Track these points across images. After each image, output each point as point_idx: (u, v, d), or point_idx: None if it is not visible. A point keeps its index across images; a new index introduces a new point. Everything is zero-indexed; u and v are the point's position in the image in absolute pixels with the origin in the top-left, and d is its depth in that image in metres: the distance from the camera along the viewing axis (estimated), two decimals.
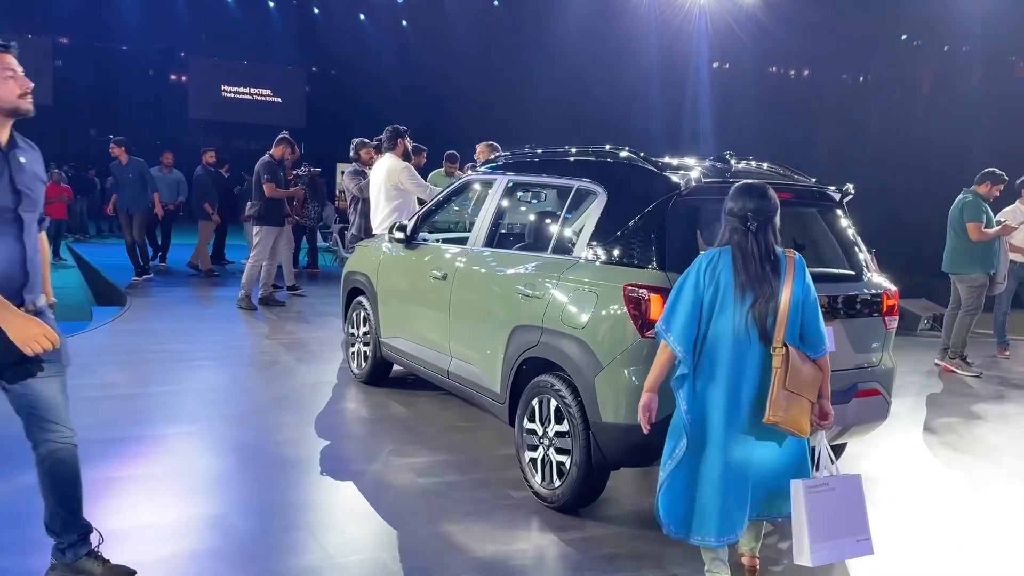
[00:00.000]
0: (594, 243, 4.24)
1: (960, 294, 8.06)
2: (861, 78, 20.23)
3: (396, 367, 6.33)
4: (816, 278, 4.19)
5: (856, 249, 4.47)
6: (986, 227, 7.80)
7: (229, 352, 7.41)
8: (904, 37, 18.96)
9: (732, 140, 18.15)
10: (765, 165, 4.71)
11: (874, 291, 4.34)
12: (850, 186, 4.49)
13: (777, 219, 3.31)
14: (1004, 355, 8.74)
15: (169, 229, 13.45)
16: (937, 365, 8.13)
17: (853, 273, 4.36)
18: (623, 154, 4.45)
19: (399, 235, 5.84)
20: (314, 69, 31.54)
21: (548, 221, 5.03)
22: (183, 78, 30.03)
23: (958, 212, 7.93)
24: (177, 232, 13.83)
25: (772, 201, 3.29)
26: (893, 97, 19.53)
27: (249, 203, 9.74)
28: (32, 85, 2.95)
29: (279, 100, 30.09)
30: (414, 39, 27.43)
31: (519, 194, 5.58)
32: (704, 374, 3.26)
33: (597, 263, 4.18)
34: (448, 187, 5.96)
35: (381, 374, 6.39)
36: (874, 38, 18.48)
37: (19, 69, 2.94)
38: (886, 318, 4.37)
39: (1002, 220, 8.09)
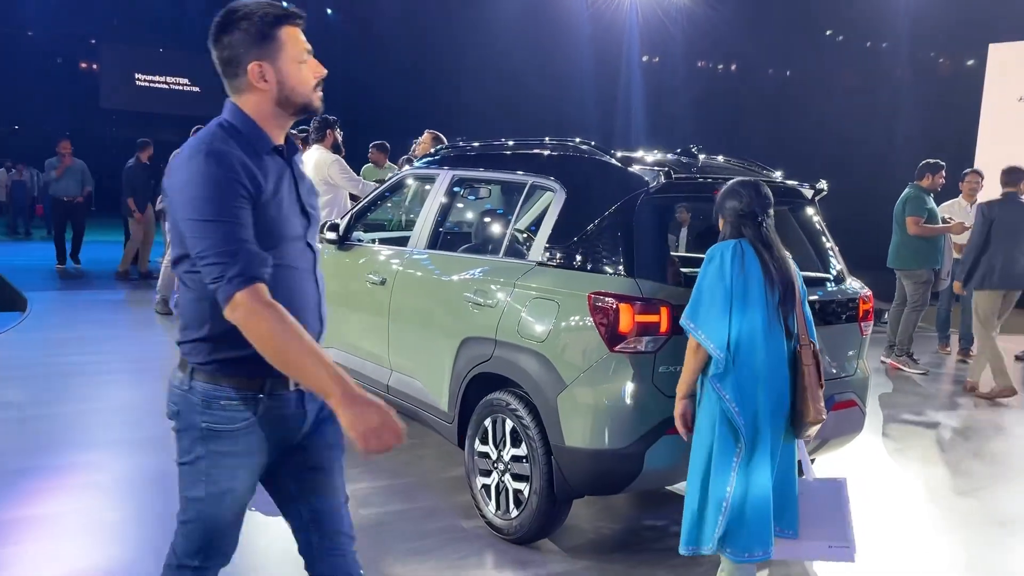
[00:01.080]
0: (553, 246, 3.83)
1: (906, 290, 7.94)
2: (788, 72, 20.38)
3: None
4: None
5: (830, 250, 4.18)
6: (928, 221, 7.65)
7: (144, 365, 6.74)
8: (828, 33, 19.15)
9: (664, 134, 18.03)
10: (720, 159, 4.36)
11: (851, 295, 4.04)
12: (823, 183, 4.18)
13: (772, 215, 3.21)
14: (945, 351, 8.71)
15: (81, 225, 12.48)
16: (883, 362, 8.01)
17: (830, 276, 4.06)
18: (582, 147, 4.05)
19: (331, 235, 5.31)
20: None
21: (498, 221, 4.61)
22: (94, 66, 28.51)
23: (901, 207, 7.80)
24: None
25: (771, 196, 3.21)
26: (818, 92, 19.74)
27: (160, 197, 8.95)
28: (326, 72, 2.15)
29: (197, 89, 28.81)
30: (340, 28, 26.59)
31: (463, 191, 5.13)
32: (742, 373, 3.00)
33: (557, 268, 3.78)
34: (387, 182, 5.46)
35: None
36: (800, 33, 18.61)
37: (310, 48, 2.14)
38: (862, 324, 4.09)
39: (946, 215, 8.00)
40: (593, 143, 4.03)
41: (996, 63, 13.68)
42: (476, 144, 4.82)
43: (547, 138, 4.29)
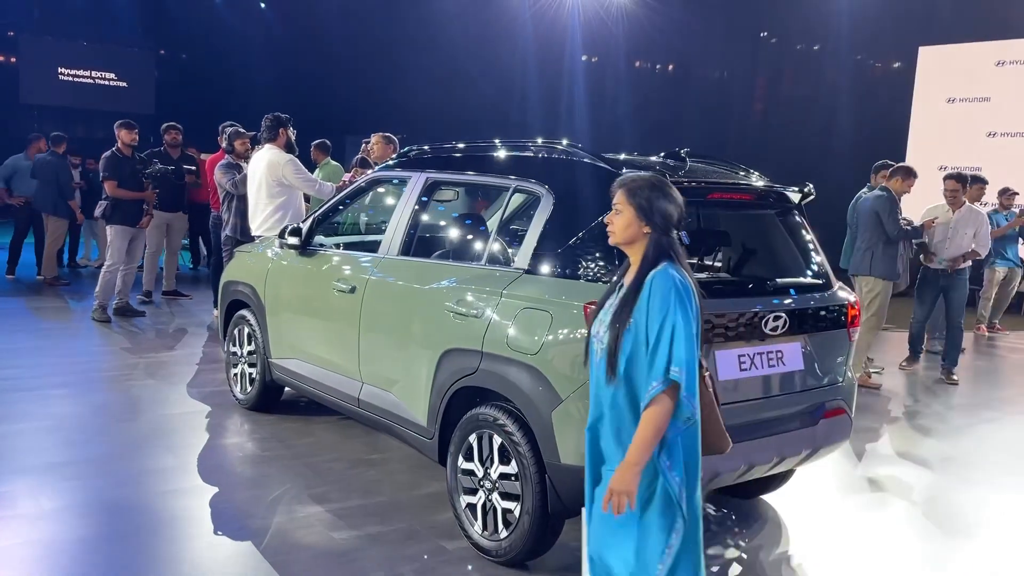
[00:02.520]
0: (541, 253, 3.66)
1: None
2: (724, 73, 20.61)
3: (288, 389, 5.53)
4: (785, 289, 3.85)
5: (817, 255, 4.10)
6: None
7: (84, 376, 6.31)
8: (764, 35, 19.44)
9: (606, 136, 18.03)
10: (704, 163, 4.24)
11: (839, 301, 3.97)
12: (810, 186, 4.10)
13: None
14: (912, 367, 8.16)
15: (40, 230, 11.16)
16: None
17: (820, 282, 3.98)
18: (570, 150, 3.88)
19: (293, 240, 5.04)
20: (162, 52, 29.28)
21: (477, 226, 4.40)
22: (12, 59, 27.16)
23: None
24: None
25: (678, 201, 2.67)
26: (753, 93, 20.02)
27: (100, 200, 8.44)
28: None
29: (125, 84, 27.70)
30: (274, 22, 25.90)
31: (442, 195, 4.92)
32: (690, 429, 2.55)
33: (547, 276, 3.60)
34: (352, 185, 5.20)
35: (270, 399, 5.57)
36: (735, 35, 18.86)
37: None
38: (850, 330, 4.02)
39: (930, 218, 8.02)
40: (575, 145, 3.87)
41: (926, 66, 14.04)
42: (453, 145, 4.60)
43: (530, 140, 4.11)
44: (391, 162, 4.98)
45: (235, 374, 5.72)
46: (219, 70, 25.07)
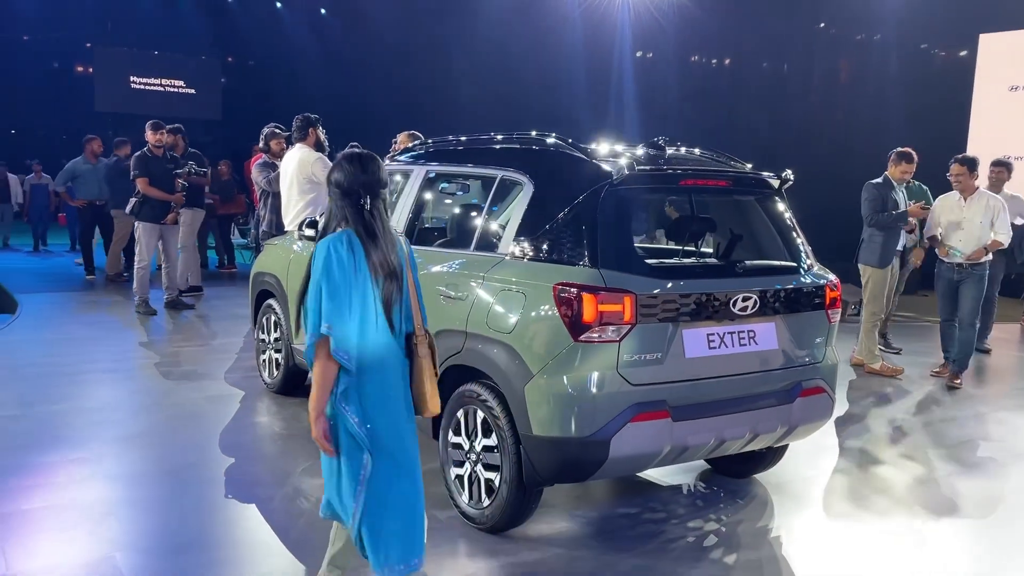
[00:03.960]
0: (521, 238, 3.88)
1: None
2: (785, 66, 20.39)
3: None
4: (758, 271, 3.99)
5: (797, 239, 4.22)
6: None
7: (125, 363, 6.79)
8: (822, 25, 19.15)
9: (656, 129, 18.05)
10: (698, 151, 4.40)
11: (817, 283, 4.09)
12: (789, 172, 4.22)
13: (386, 194, 2.89)
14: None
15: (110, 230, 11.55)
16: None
17: (794, 264, 4.11)
18: (550, 141, 4.10)
19: (310, 232, 5.35)
20: (230, 59, 30.34)
21: (471, 215, 4.64)
22: (89, 69, 28.52)
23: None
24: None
25: (382, 173, 2.86)
26: (812, 85, 19.74)
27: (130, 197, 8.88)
28: None
29: (193, 91, 28.84)
30: (333, 27, 26.60)
31: (441, 186, 5.18)
32: (365, 379, 2.79)
33: (524, 260, 3.82)
34: None
35: (295, 383, 5.91)
36: (793, 27, 18.62)
37: None
38: (829, 311, 4.13)
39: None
40: (560, 136, 4.08)
41: (987, 53, 13.71)
42: (448, 139, 4.86)
43: (516, 133, 4.33)
44: (399, 157, 5.26)
45: (263, 360, 6.09)
46: (284, 75, 25.82)
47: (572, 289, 3.48)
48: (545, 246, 3.76)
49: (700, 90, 19.57)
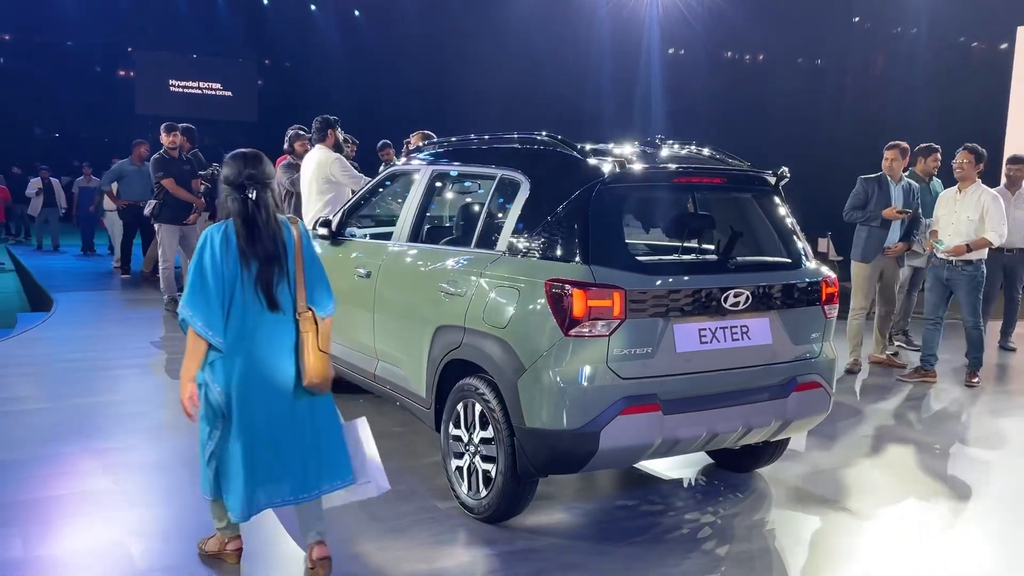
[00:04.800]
0: (516, 236, 3.98)
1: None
2: (818, 61, 20.19)
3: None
4: (751, 267, 4.04)
5: (794, 235, 4.26)
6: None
7: (152, 359, 7.03)
8: (856, 20, 18.94)
9: (683, 125, 18.01)
10: (694, 148, 4.46)
11: (812, 279, 4.12)
12: (785, 169, 4.26)
13: (275, 184, 3.28)
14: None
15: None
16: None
17: (789, 261, 4.15)
18: (546, 139, 4.19)
19: (323, 231, 5.51)
20: (267, 62, 30.84)
21: (472, 213, 4.75)
22: (130, 73, 29.20)
23: None
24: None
25: (265, 166, 3.24)
26: (846, 82, 19.53)
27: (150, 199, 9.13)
28: None
29: (230, 94, 29.37)
30: (366, 28, 26.91)
31: (458, 185, 5.31)
32: (232, 350, 3.15)
33: (519, 257, 3.92)
34: (375, 179, 5.64)
35: None
36: (827, 22, 18.43)
37: None
38: (825, 307, 4.16)
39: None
40: (555, 136, 4.16)
41: None
42: (452, 140, 4.98)
43: (516, 133, 4.43)
44: (407, 157, 5.39)
45: None
46: (319, 76, 26.15)
47: (563, 285, 3.57)
48: (540, 243, 3.85)
49: (732, 87, 19.49)
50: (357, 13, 27.68)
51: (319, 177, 7.01)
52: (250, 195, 3.15)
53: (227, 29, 28.49)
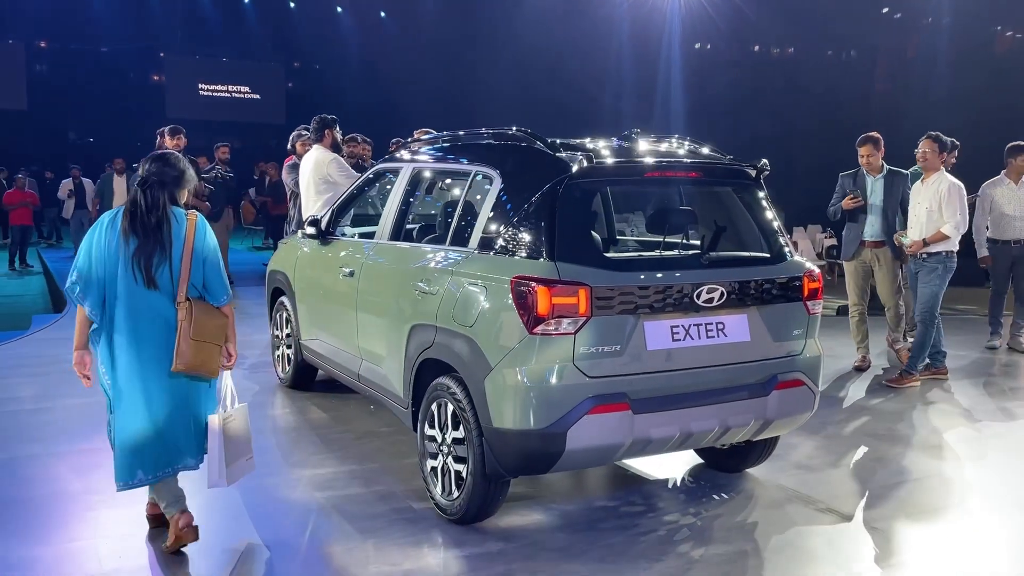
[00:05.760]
0: (487, 233, 3.92)
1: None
2: (852, 52, 19.84)
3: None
4: (727, 262, 3.94)
5: (775, 229, 4.14)
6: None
7: None
8: (885, 11, 18.56)
9: (706, 121, 17.81)
10: (675, 141, 4.35)
11: (793, 274, 4.00)
12: (765, 162, 4.14)
13: (181, 185, 3.56)
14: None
15: None
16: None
17: (769, 256, 4.03)
18: (517, 134, 4.12)
19: (311, 230, 5.51)
20: (296, 64, 31.11)
21: (449, 211, 4.70)
22: (161, 78, 29.63)
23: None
24: None
25: (171, 168, 3.53)
26: (875, 73, 19.15)
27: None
28: None
29: (258, 97, 29.66)
30: (393, 29, 27.01)
31: (436, 182, 5.26)
32: (113, 328, 3.44)
33: (489, 255, 3.86)
34: (359, 177, 5.62)
35: (306, 378, 6.07)
36: (856, 13, 18.09)
37: None
38: (808, 303, 4.04)
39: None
40: (526, 130, 4.09)
41: None
42: (430, 137, 4.93)
43: (489, 129, 4.36)
44: (390, 155, 5.35)
45: (277, 355, 6.27)
46: (346, 78, 26.31)
47: (528, 282, 3.50)
48: (508, 240, 3.78)
49: (757, 81, 19.23)
50: (383, 15, 27.80)
51: (316, 177, 7.01)
52: (145, 187, 3.45)
53: (255, 33, 28.81)
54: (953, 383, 6.75)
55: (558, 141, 3.97)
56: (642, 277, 3.63)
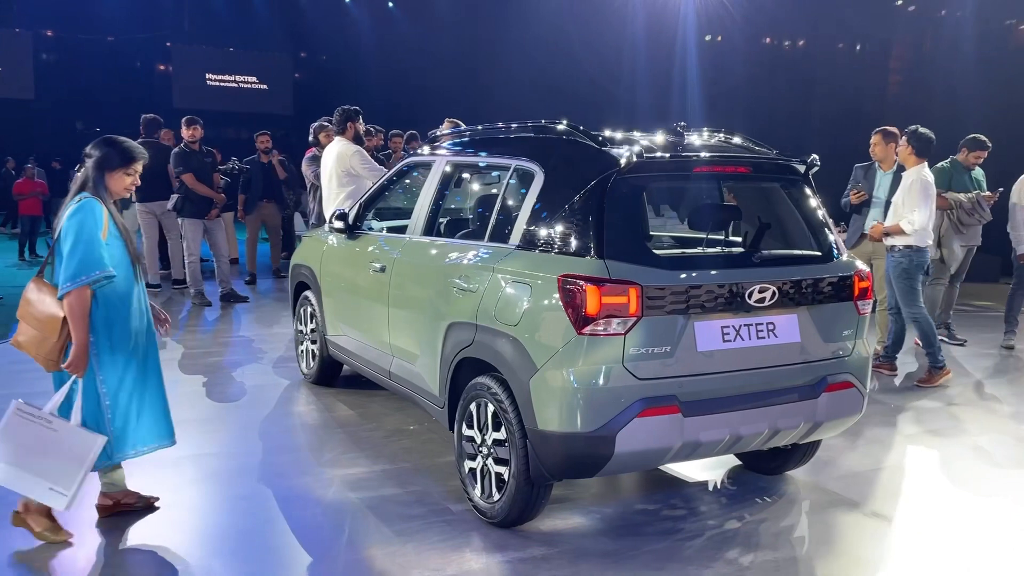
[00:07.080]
0: (529, 229, 3.81)
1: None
2: (860, 46, 19.62)
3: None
4: (778, 261, 3.83)
5: (824, 227, 4.03)
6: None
7: (172, 354, 6.97)
8: (899, 3, 18.36)
9: (720, 113, 17.64)
10: (722, 136, 4.24)
11: (844, 273, 3.89)
12: (815, 157, 4.03)
13: (93, 164, 3.59)
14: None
15: None
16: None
17: (820, 254, 3.92)
18: (561, 128, 4.00)
19: (339, 224, 5.40)
20: (303, 55, 30.95)
21: (487, 206, 4.59)
22: (168, 68, 29.49)
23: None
24: None
25: (94, 149, 3.61)
26: (889, 66, 18.95)
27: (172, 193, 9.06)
28: None
29: (265, 87, 29.53)
30: (400, 19, 26.84)
31: (472, 177, 5.16)
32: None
33: (533, 252, 3.75)
34: (391, 171, 5.50)
35: (331, 374, 5.97)
36: (869, 5, 17.88)
37: None
38: (858, 303, 3.93)
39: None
40: (571, 124, 3.97)
41: None
42: (466, 130, 4.81)
43: (530, 122, 4.24)
44: (423, 148, 5.23)
45: (301, 351, 6.18)
46: (354, 69, 26.15)
47: (576, 281, 3.39)
48: (553, 237, 3.68)
49: (771, 73, 19.03)
50: (391, 5, 27.63)
51: (339, 170, 6.90)
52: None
53: (263, 23, 28.63)
54: (986, 381, 6.64)
55: (604, 135, 3.85)
56: (693, 276, 3.52)
